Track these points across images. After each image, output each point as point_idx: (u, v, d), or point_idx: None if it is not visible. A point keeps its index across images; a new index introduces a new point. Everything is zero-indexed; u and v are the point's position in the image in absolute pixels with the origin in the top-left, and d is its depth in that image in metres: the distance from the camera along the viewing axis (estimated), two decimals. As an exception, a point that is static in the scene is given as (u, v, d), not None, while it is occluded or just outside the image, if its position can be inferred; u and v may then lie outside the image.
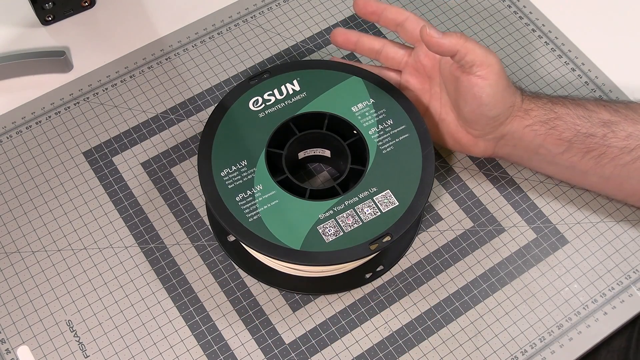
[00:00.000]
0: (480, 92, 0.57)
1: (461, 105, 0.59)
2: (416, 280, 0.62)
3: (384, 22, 0.62)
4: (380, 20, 0.62)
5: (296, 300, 0.61)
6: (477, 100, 0.57)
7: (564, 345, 0.59)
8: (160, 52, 0.73)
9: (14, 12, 0.74)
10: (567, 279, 0.62)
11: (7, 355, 0.58)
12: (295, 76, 0.62)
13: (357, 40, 0.64)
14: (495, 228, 0.64)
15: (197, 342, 0.59)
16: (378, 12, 0.61)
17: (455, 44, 0.56)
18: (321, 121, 0.61)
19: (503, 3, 0.76)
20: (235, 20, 0.75)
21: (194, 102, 0.70)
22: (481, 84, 0.57)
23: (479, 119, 0.59)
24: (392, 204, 0.57)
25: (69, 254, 0.62)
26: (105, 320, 0.60)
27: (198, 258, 0.62)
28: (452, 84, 0.59)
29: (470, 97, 0.57)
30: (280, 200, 0.57)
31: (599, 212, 0.65)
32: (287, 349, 0.59)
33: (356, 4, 0.62)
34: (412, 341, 0.59)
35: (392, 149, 0.59)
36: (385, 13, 0.61)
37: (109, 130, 0.68)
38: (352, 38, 0.64)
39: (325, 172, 0.66)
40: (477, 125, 0.59)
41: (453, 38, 0.56)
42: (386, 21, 0.62)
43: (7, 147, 0.67)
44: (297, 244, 0.55)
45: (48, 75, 0.71)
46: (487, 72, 0.56)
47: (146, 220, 0.64)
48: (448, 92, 0.61)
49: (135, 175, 0.66)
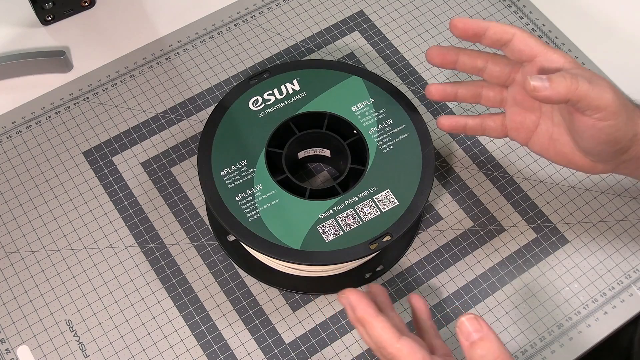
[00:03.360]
0: (598, 133, 0.50)
1: (578, 140, 0.53)
2: (416, 280, 0.62)
3: (488, 42, 0.55)
4: (483, 40, 0.55)
5: (296, 300, 0.61)
6: (595, 140, 0.51)
7: (564, 345, 0.59)
8: (160, 52, 0.73)
9: (14, 12, 0.74)
10: (567, 278, 0.62)
11: (7, 355, 0.58)
12: (295, 76, 0.62)
13: (457, 60, 0.57)
14: (495, 228, 0.64)
15: (197, 341, 0.59)
16: (480, 32, 0.54)
17: (566, 94, 0.48)
18: (321, 121, 0.61)
19: (503, 3, 0.76)
20: (235, 20, 0.75)
21: (194, 102, 0.70)
22: (599, 126, 0.49)
23: (600, 153, 0.52)
24: (392, 203, 0.57)
25: (69, 254, 0.62)
26: (105, 320, 0.60)
27: (198, 258, 0.62)
28: (567, 114, 0.53)
29: (587, 136, 0.51)
30: (280, 199, 0.57)
31: (599, 212, 0.65)
32: (287, 349, 0.59)
33: (454, 27, 0.54)
34: (412, 341, 0.59)
35: (392, 148, 0.59)
36: (488, 33, 0.54)
37: (109, 130, 0.68)
38: (450, 57, 0.57)
39: (325, 171, 0.66)
40: (597, 157, 0.54)
41: (562, 87, 0.48)
42: (490, 41, 0.54)
43: (7, 147, 0.67)
44: (297, 244, 0.55)
45: (48, 75, 0.71)
46: (605, 114, 0.49)
47: (146, 220, 0.64)
48: (563, 117, 0.54)
49: (135, 175, 0.66)
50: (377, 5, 0.76)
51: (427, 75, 0.71)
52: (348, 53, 0.73)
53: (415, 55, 0.73)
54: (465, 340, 0.43)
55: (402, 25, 0.75)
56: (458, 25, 0.54)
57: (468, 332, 0.43)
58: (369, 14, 0.75)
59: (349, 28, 0.74)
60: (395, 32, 0.74)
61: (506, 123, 0.57)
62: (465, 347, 0.43)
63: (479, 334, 0.43)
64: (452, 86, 0.58)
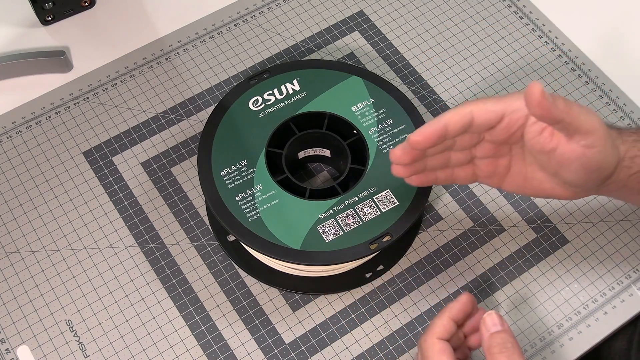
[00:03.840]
0: (588, 162, 0.49)
1: (563, 174, 0.51)
2: (416, 280, 0.62)
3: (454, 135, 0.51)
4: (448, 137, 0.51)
5: (296, 300, 0.61)
6: (584, 169, 0.50)
7: (564, 345, 0.59)
8: (160, 52, 0.73)
9: (14, 12, 0.74)
10: (567, 278, 0.62)
11: (7, 355, 0.58)
12: (295, 76, 0.62)
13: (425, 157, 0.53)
14: (495, 228, 0.64)
15: (197, 341, 0.59)
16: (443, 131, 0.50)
17: (562, 112, 0.47)
18: (321, 121, 0.61)
19: (503, 3, 0.76)
20: (235, 20, 0.75)
21: (194, 102, 0.70)
22: (589, 154, 0.48)
23: (586, 182, 0.51)
24: (392, 203, 0.57)
25: (69, 254, 0.62)
26: (105, 320, 0.60)
27: (198, 258, 0.62)
28: (544, 154, 0.51)
29: (576, 167, 0.50)
30: (280, 200, 0.57)
31: (599, 212, 0.65)
32: (287, 349, 0.59)
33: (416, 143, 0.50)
34: (412, 341, 0.59)
35: (392, 148, 0.59)
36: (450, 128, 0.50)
37: (109, 130, 0.68)
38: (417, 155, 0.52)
39: (325, 171, 0.66)
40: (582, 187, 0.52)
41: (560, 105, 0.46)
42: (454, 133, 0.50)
43: (7, 147, 0.67)
44: (297, 244, 0.55)
45: (48, 75, 0.71)
46: (594, 140, 0.48)
47: (146, 220, 0.64)
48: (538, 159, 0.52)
49: (135, 175, 0.66)
50: (377, 5, 0.76)
51: (428, 76, 0.71)
52: (348, 53, 0.73)
53: (415, 55, 0.73)
54: (486, 331, 0.50)
55: (402, 25, 0.75)
56: (419, 139, 0.49)
57: (489, 325, 0.50)
58: (369, 14, 0.75)
59: (349, 28, 0.74)
60: (395, 32, 0.74)
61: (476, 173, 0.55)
62: (486, 337, 0.50)
63: (497, 328, 0.50)
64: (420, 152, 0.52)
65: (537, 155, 0.51)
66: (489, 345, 0.49)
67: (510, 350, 0.49)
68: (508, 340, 0.49)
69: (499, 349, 0.49)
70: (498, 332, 0.50)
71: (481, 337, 0.50)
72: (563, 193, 0.53)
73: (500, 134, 0.51)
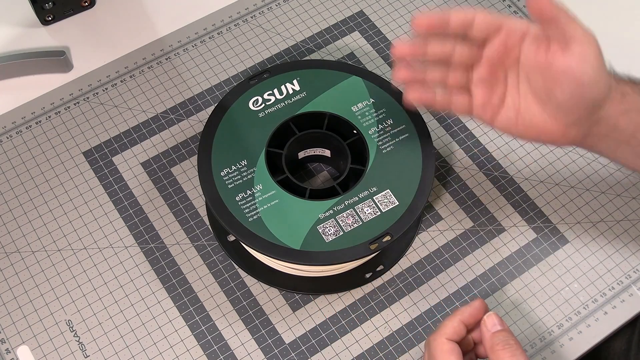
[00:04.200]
0: (580, 74, 0.50)
1: (557, 93, 0.52)
2: (416, 280, 0.62)
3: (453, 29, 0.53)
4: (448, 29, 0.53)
5: (296, 300, 0.61)
6: (576, 83, 0.51)
7: (564, 345, 0.59)
8: (160, 52, 0.73)
9: (14, 12, 0.74)
10: (567, 278, 0.62)
11: (7, 355, 0.58)
12: (295, 76, 0.62)
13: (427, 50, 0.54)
14: (495, 228, 0.64)
15: (197, 341, 0.59)
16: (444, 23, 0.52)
17: (558, 10, 0.49)
18: (321, 121, 0.61)
19: (503, 3, 0.76)
20: (235, 20, 0.75)
21: (194, 102, 0.70)
22: (581, 66, 0.50)
23: (578, 103, 0.52)
24: (392, 203, 0.57)
25: (69, 254, 0.62)
26: (105, 320, 0.60)
27: (198, 258, 0.62)
28: (539, 73, 0.52)
29: (568, 81, 0.51)
30: (280, 200, 0.57)
31: (599, 212, 0.65)
32: (287, 349, 0.59)
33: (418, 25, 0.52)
34: (412, 341, 0.59)
35: (392, 148, 0.59)
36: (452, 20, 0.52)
37: (109, 130, 0.68)
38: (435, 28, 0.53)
39: (325, 171, 0.66)
40: (574, 112, 0.53)
41: (557, 4, 0.49)
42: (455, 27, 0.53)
43: (7, 147, 0.67)
44: (297, 244, 0.55)
45: (48, 75, 0.71)
46: (587, 51, 0.50)
47: (146, 220, 0.64)
48: (533, 82, 0.53)
49: (135, 175, 0.66)
50: (377, 5, 0.76)
51: (427, 75, 0.71)
52: (348, 53, 0.73)
53: (415, 55, 0.73)
54: (487, 331, 0.51)
55: (402, 25, 0.75)
56: (422, 22, 0.52)
57: (490, 325, 0.51)
58: (369, 14, 0.75)
59: (349, 28, 0.74)
60: (396, 32, 0.74)
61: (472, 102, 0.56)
62: (487, 336, 0.51)
63: (497, 328, 0.51)
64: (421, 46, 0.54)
65: (532, 76, 0.53)
66: (492, 343, 0.50)
67: (514, 347, 0.50)
68: (510, 337, 0.50)
69: (501, 346, 0.50)
70: (499, 331, 0.51)
71: (482, 337, 0.51)
72: (553, 129, 0.54)
73: (497, 50, 0.53)
